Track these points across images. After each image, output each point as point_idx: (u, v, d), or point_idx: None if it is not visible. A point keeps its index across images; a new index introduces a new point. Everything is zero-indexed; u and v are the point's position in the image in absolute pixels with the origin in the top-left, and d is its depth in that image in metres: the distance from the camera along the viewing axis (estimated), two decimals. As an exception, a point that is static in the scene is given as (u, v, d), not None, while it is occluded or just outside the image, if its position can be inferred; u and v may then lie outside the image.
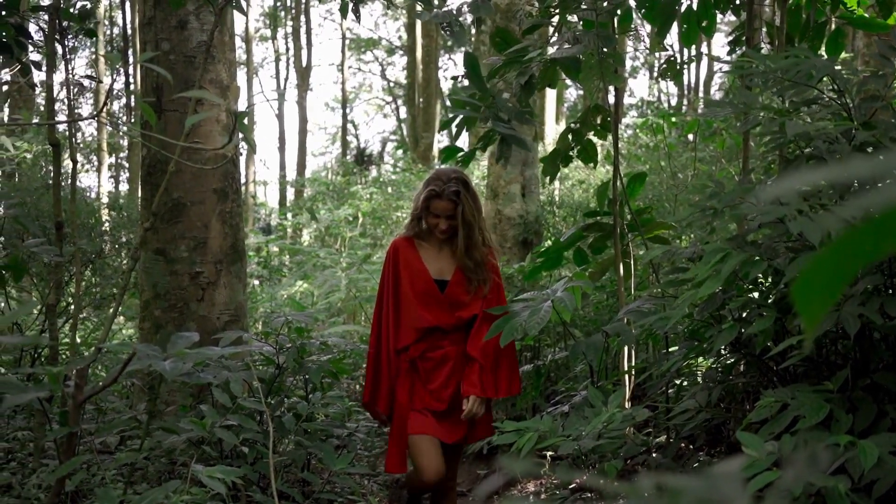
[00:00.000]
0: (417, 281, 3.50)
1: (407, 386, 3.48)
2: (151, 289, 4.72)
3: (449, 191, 3.41)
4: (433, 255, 3.56)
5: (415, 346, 3.48)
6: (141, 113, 4.59)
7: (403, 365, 3.50)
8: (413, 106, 21.86)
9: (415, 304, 3.48)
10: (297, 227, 14.85)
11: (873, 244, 0.45)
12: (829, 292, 0.47)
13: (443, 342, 3.50)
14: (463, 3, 3.91)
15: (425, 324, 3.46)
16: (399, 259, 3.55)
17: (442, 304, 3.49)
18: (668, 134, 8.63)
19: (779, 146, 2.91)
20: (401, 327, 3.50)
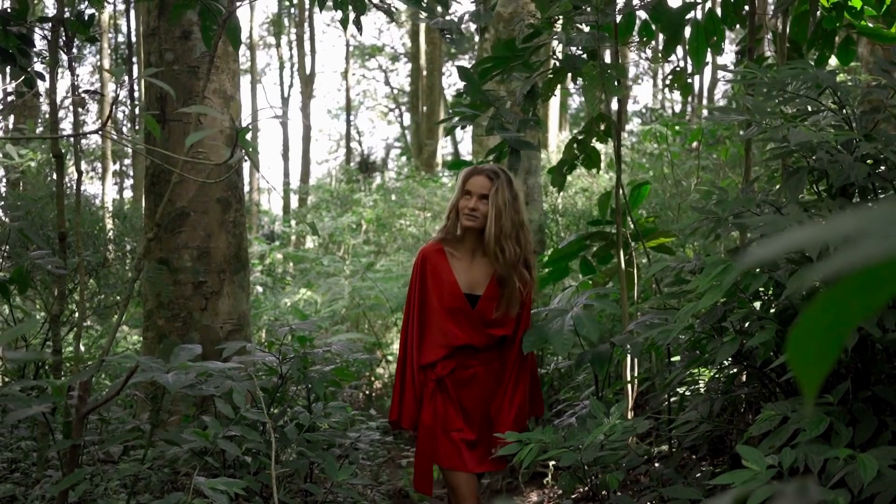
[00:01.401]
0: (447, 294, 3.27)
1: (432, 407, 3.27)
2: (155, 298, 4.73)
3: (489, 169, 3.29)
4: (465, 266, 3.33)
5: (442, 364, 3.27)
6: (144, 123, 4.63)
7: (429, 383, 3.28)
8: (417, 113, 21.90)
9: (444, 318, 3.27)
10: (300, 235, 14.88)
11: (864, 299, 0.44)
12: (825, 354, 0.46)
13: (473, 361, 3.30)
14: (465, 12, 3.93)
15: (455, 341, 3.25)
16: (427, 269, 3.32)
17: (473, 320, 3.28)
18: (671, 142, 8.64)
19: (782, 155, 2.91)
20: (426, 342, 3.29)
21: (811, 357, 0.46)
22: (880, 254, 0.42)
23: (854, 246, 0.42)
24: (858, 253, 0.42)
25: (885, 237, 0.43)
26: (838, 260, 0.43)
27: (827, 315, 0.45)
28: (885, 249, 0.42)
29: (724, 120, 2.71)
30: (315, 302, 9.82)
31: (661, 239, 4.55)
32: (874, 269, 0.43)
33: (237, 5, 3.44)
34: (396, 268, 9.42)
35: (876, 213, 0.45)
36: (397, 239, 12.11)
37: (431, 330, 3.29)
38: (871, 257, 0.42)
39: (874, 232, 0.44)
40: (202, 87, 3.95)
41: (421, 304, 3.32)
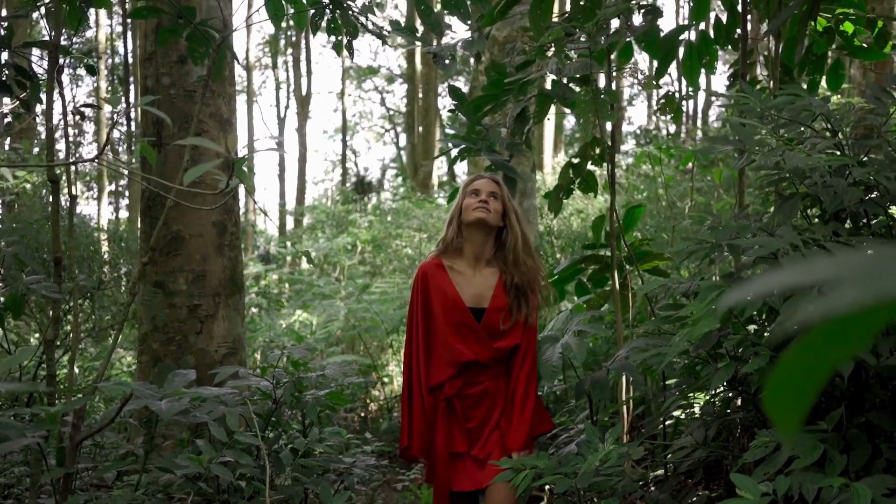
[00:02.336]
0: (451, 310, 3.14)
1: (444, 430, 3.13)
2: (150, 322, 4.73)
3: (491, 175, 3.27)
4: (466, 278, 3.19)
5: (450, 383, 3.13)
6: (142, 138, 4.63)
7: (440, 404, 3.15)
8: (413, 134, 21.98)
9: (449, 336, 3.13)
10: (296, 256, 14.88)
11: (839, 346, 0.45)
12: (800, 399, 0.47)
13: (481, 377, 3.16)
14: (459, 40, 3.96)
15: (462, 358, 3.11)
16: (429, 286, 3.18)
17: (479, 335, 3.14)
18: (665, 164, 8.68)
19: (775, 182, 2.93)
20: (433, 363, 3.16)
21: (788, 404, 0.46)
22: (861, 301, 0.43)
23: (835, 290, 0.43)
24: (838, 300, 0.43)
25: (865, 283, 0.43)
26: (823, 305, 0.43)
27: (803, 363, 0.45)
28: (866, 296, 0.42)
29: (715, 151, 2.73)
30: (310, 323, 9.80)
31: (655, 262, 4.56)
32: (852, 316, 0.43)
33: (230, 32, 3.46)
34: (392, 289, 9.42)
35: (858, 256, 0.46)
36: (393, 260, 12.12)
37: (437, 348, 3.16)
38: (852, 305, 0.42)
39: (854, 277, 0.44)
40: (197, 111, 3.97)
41: (425, 322, 3.18)
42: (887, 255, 0.45)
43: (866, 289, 0.43)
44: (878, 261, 0.45)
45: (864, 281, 0.43)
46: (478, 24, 4.08)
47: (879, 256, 0.45)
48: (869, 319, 0.44)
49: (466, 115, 3.98)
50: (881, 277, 0.43)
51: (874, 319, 0.44)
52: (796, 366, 0.45)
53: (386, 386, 8.32)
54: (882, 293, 0.42)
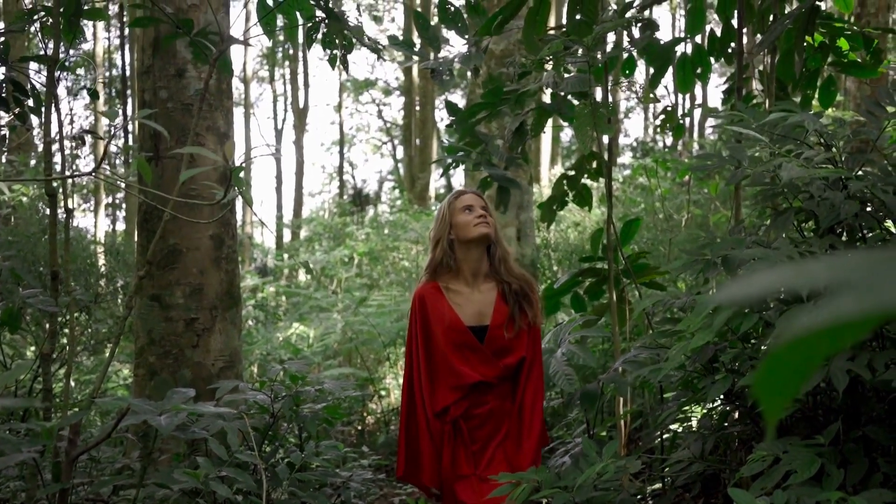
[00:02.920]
0: (451, 333, 3.07)
1: (450, 453, 3.06)
2: (146, 335, 4.72)
3: (472, 191, 3.22)
4: (466, 297, 3.12)
5: (456, 406, 3.06)
6: (139, 152, 4.64)
7: (446, 427, 3.07)
8: (410, 146, 22.01)
9: (452, 359, 3.06)
10: (293, 269, 14.87)
11: (829, 344, 0.46)
12: (788, 388, 0.48)
13: (487, 396, 3.08)
14: (456, 55, 3.97)
15: (468, 381, 3.04)
16: (427, 310, 3.11)
17: (484, 355, 3.07)
18: (662, 176, 8.70)
19: (770, 197, 2.94)
20: (437, 388, 3.08)
21: (776, 389, 0.48)
22: (858, 311, 0.43)
23: (831, 297, 0.43)
24: (835, 310, 0.43)
25: (868, 289, 0.44)
26: (823, 312, 0.44)
27: (795, 354, 0.46)
28: (866, 304, 0.43)
29: (709, 168, 2.74)
30: (307, 336, 9.79)
31: (652, 275, 4.57)
32: (848, 320, 0.44)
33: (228, 44, 3.47)
34: (389, 302, 9.42)
35: (854, 259, 0.46)
36: (390, 273, 12.11)
37: (440, 373, 3.08)
38: (853, 311, 0.43)
39: (855, 282, 0.45)
40: (195, 124, 3.98)
41: (426, 347, 3.11)
42: (884, 261, 0.46)
43: (863, 297, 0.43)
44: (875, 266, 0.45)
45: (861, 287, 0.44)
46: (475, 38, 4.10)
47: (876, 261, 0.46)
48: (864, 323, 0.45)
49: (462, 128, 4.00)
50: (878, 284, 0.44)
51: (869, 322, 0.45)
52: (788, 355, 0.46)
53: (383, 399, 8.31)
54: (879, 301, 0.43)
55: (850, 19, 10.79)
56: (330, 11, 3.46)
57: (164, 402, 2.42)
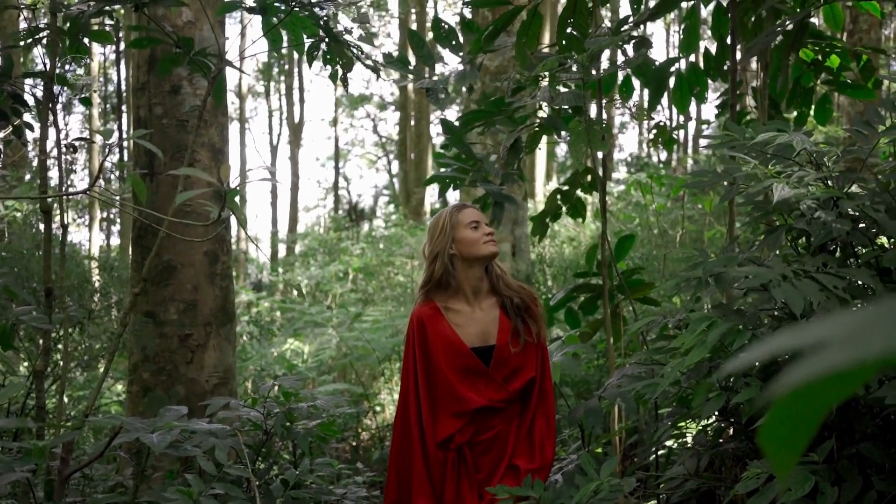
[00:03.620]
0: (454, 357, 2.88)
1: (453, 484, 2.87)
2: (140, 352, 4.71)
3: (471, 204, 3.09)
4: (467, 316, 2.93)
5: (460, 433, 2.87)
6: (134, 168, 4.65)
7: (450, 455, 2.87)
8: (405, 161, 22.05)
9: (456, 385, 2.86)
10: (287, 284, 14.86)
11: (833, 393, 0.46)
12: (796, 440, 0.48)
13: (493, 421, 2.90)
14: (451, 73, 3.99)
15: (473, 406, 2.85)
16: (427, 333, 2.90)
17: (490, 379, 2.89)
18: (657, 191, 8.73)
19: (763, 215, 2.95)
20: (439, 416, 2.88)
21: (783, 444, 0.47)
22: (849, 364, 0.43)
23: (827, 351, 0.44)
24: (831, 360, 0.44)
25: (853, 348, 0.44)
26: (810, 366, 0.44)
27: (798, 406, 0.46)
28: (854, 360, 0.43)
29: (703, 185, 2.76)
30: (302, 352, 9.77)
31: (646, 292, 4.58)
32: (846, 372, 0.44)
33: (225, 64, 3.49)
34: (384, 317, 9.41)
35: (848, 319, 0.47)
36: (385, 288, 12.11)
37: (444, 400, 2.88)
38: (844, 364, 0.43)
39: (843, 341, 0.45)
40: (191, 141, 3.98)
41: (427, 374, 2.90)
42: (877, 316, 0.46)
43: (854, 353, 0.44)
44: (867, 324, 0.46)
45: (852, 345, 0.44)
46: (469, 55, 4.12)
47: (868, 318, 0.46)
48: (862, 372, 0.45)
49: (454, 136, 4.01)
50: (869, 341, 0.44)
51: (867, 371, 0.45)
52: (790, 409, 0.46)
53: (378, 415, 8.29)
54: (869, 353, 0.43)
55: (842, 36, 10.87)
56: (330, 32, 3.48)
57: (157, 420, 2.41)
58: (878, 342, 0.43)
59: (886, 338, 0.43)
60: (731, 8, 3.85)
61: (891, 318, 0.45)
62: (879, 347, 0.43)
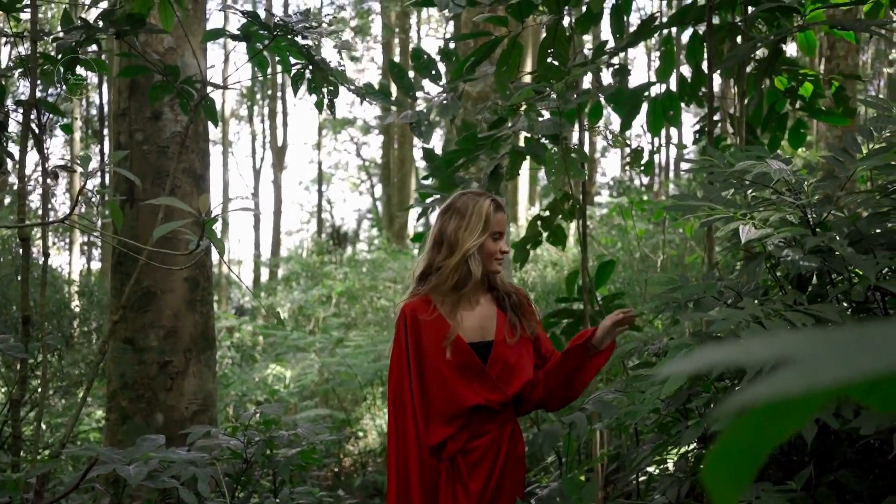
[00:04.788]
0: (451, 352, 2.69)
1: (451, 496, 2.70)
2: (119, 379, 4.67)
3: (501, 202, 2.83)
4: (462, 311, 2.77)
5: (453, 440, 2.70)
6: (114, 196, 4.62)
7: (443, 465, 2.70)
8: (389, 185, 22.08)
9: (451, 382, 2.69)
10: (270, 308, 14.80)
11: (777, 426, 0.46)
12: (739, 476, 0.48)
13: (489, 425, 2.74)
14: (432, 104, 4.01)
15: (467, 403, 2.68)
16: (420, 327, 2.72)
17: (485, 377, 2.73)
18: (638, 215, 8.78)
19: (735, 246, 2.98)
20: (432, 419, 2.70)
21: (726, 480, 0.47)
22: (804, 387, 0.43)
23: (777, 374, 0.44)
24: (780, 384, 0.44)
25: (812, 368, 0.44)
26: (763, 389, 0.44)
27: (742, 440, 0.46)
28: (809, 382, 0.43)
29: (682, 211, 2.78)
30: (284, 377, 9.72)
31: (627, 317, 4.59)
32: (793, 400, 0.44)
33: (209, 91, 3.49)
34: (366, 342, 9.38)
35: (797, 337, 0.47)
36: (367, 312, 12.08)
37: (436, 401, 2.70)
38: (794, 390, 0.43)
39: (799, 360, 0.45)
40: (172, 167, 3.98)
41: (418, 371, 2.71)
42: (832, 341, 0.46)
43: (806, 376, 0.44)
44: (823, 346, 0.46)
45: (806, 367, 0.44)
46: (450, 85, 4.15)
47: (824, 341, 0.46)
48: (808, 403, 0.45)
49: (439, 174, 4.03)
50: (823, 365, 0.44)
51: (813, 403, 0.45)
52: (734, 443, 0.46)
53: (360, 440, 8.24)
54: (821, 381, 0.43)
55: (819, 62, 11.02)
56: (312, 60, 3.50)
57: (134, 450, 2.39)
58: (835, 369, 0.43)
59: (844, 365, 0.43)
60: (707, 35, 3.91)
61: (851, 345, 0.45)
62: (835, 376, 0.42)
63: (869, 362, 0.42)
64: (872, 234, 2.59)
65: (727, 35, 4.07)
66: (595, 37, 18.47)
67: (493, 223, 2.73)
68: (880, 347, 0.43)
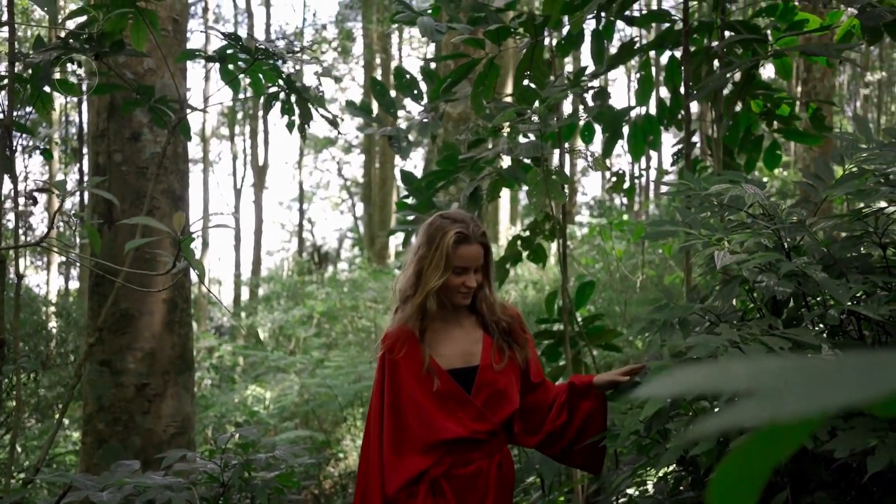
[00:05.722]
0: (429, 381, 2.56)
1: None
2: (95, 401, 4.62)
3: (478, 232, 2.63)
4: (447, 334, 2.66)
5: (436, 466, 2.54)
6: (92, 217, 4.61)
7: (422, 486, 2.52)
8: (370, 204, 22.08)
9: (430, 413, 2.54)
10: (250, 328, 14.72)
11: (777, 449, 0.46)
12: (746, 497, 0.48)
13: (474, 454, 2.58)
14: (412, 123, 4.03)
15: (447, 435, 2.53)
16: (398, 361, 2.60)
17: (469, 405, 2.58)
18: (618, 235, 8.83)
19: (713, 269, 3.00)
20: (407, 452, 2.55)
21: (734, 500, 0.48)
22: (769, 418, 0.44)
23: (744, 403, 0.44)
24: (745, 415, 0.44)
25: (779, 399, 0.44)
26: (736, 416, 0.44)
27: (742, 467, 0.47)
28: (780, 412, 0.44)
29: (661, 235, 2.80)
30: (264, 398, 9.65)
31: (607, 339, 4.61)
32: (778, 428, 0.45)
33: (185, 113, 3.49)
34: (346, 363, 9.35)
35: (775, 364, 0.47)
36: (348, 332, 12.04)
37: (413, 433, 2.55)
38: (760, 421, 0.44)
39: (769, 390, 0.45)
40: (150, 188, 3.96)
41: (393, 403, 2.58)
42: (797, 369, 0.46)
43: (772, 408, 0.44)
44: (794, 377, 0.46)
45: (773, 398, 0.44)
46: (430, 104, 4.17)
47: (790, 370, 0.47)
48: (797, 430, 0.45)
49: (420, 200, 4.03)
50: (790, 397, 0.44)
51: (801, 431, 0.45)
52: (736, 469, 0.47)
53: (340, 462, 8.18)
54: (785, 414, 0.43)
55: (796, 84, 11.14)
56: (291, 84, 3.50)
57: (108, 476, 2.36)
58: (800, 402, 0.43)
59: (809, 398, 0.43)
60: (684, 60, 3.95)
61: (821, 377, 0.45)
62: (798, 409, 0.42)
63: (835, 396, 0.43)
64: (846, 257, 2.62)
65: (704, 60, 4.12)
66: (576, 59, 18.62)
67: (455, 259, 2.58)
68: (847, 380, 0.44)
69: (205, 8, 21.08)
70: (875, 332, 2.61)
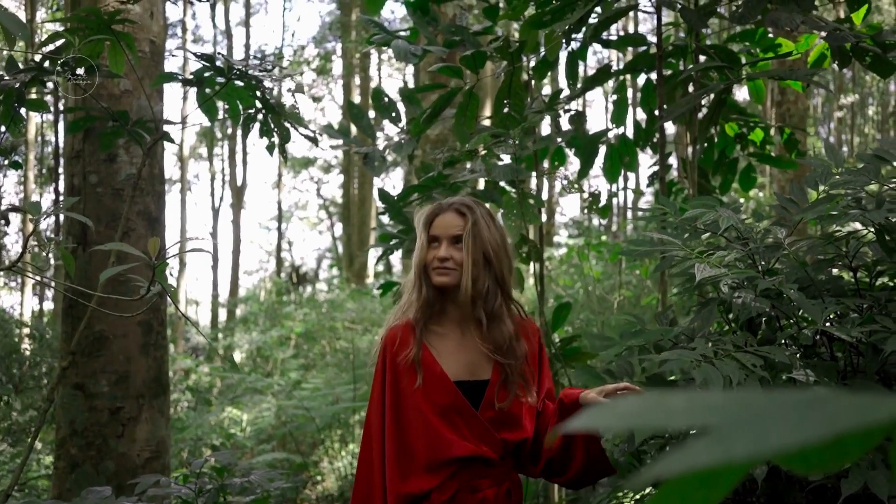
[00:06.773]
0: (433, 390, 2.25)
1: None
2: (68, 425, 4.56)
3: (458, 202, 2.34)
4: (454, 343, 2.33)
5: (440, 490, 2.23)
6: (67, 239, 4.57)
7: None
8: (348, 224, 22.05)
9: (434, 425, 2.23)
10: (227, 349, 14.60)
11: (705, 494, 0.46)
12: None
13: (483, 480, 2.27)
14: (388, 143, 4.04)
15: (453, 452, 2.22)
16: (400, 359, 2.29)
17: (475, 423, 2.26)
18: (596, 256, 8.86)
19: (694, 287, 3.02)
20: (412, 469, 2.24)
21: None
22: (716, 460, 0.43)
23: (693, 442, 0.44)
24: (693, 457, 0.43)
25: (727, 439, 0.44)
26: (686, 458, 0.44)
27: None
28: (722, 455, 0.43)
29: (638, 255, 2.82)
30: (241, 420, 9.57)
31: (584, 360, 4.61)
32: (715, 470, 0.44)
33: (160, 135, 3.48)
34: (324, 385, 9.29)
35: (717, 399, 0.46)
36: (326, 354, 11.97)
37: (416, 445, 2.25)
38: (707, 463, 0.43)
39: (715, 429, 0.45)
40: (126, 211, 3.94)
41: (395, 410, 2.28)
42: (751, 408, 0.46)
43: (720, 449, 0.43)
44: (741, 414, 0.46)
45: (721, 438, 0.44)
46: (408, 126, 4.18)
47: (744, 408, 0.46)
48: (731, 472, 0.45)
49: (392, 212, 4.04)
50: (738, 436, 0.44)
51: (736, 472, 0.45)
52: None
53: (318, 485, 8.12)
54: (733, 454, 0.43)
55: (770, 106, 11.27)
56: (267, 104, 3.50)
57: (79, 502, 2.33)
58: (748, 443, 0.42)
59: (757, 438, 0.43)
60: (658, 83, 3.99)
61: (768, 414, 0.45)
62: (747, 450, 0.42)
63: (783, 435, 0.42)
64: (820, 279, 2.65)
65: (679, 83, 4.17)
66: (553, 79, 18.75)
67: (431, 226, 2.31)
68: (797, 418, 0.44)
69: (183, 28, 21.06)
70: (847, 353, 2.63)
